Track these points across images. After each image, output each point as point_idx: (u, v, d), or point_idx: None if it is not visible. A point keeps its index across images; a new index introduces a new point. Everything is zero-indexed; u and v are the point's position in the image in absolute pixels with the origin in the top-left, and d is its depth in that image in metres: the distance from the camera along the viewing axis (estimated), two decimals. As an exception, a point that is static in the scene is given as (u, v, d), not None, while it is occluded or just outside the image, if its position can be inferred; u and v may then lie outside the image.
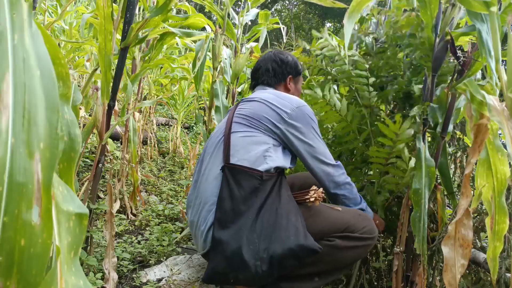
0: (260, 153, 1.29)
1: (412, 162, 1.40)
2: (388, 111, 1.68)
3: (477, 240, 1.47)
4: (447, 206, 1.52)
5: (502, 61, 1.07)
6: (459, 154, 1.56)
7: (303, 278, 1.23)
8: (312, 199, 1.24)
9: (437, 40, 1.34)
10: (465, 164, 1.34)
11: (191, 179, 3.13)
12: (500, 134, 0.99)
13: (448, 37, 1.28)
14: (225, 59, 2.44)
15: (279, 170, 1.32)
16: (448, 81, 1.40)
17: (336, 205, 1.39)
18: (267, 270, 1.12)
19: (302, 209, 1.26)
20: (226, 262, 1.17)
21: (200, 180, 1.38)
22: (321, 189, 1.28)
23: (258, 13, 2.70)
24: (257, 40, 2.98)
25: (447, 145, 1.49)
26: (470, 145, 1.07)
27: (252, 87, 1.63)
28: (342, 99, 1.61)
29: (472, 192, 1.06)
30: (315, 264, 1.18)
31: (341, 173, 1.40)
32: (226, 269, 1.17)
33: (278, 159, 1.31)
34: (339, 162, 1.42)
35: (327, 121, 1.68)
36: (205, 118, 2.36)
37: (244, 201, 1.22)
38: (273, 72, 1.58)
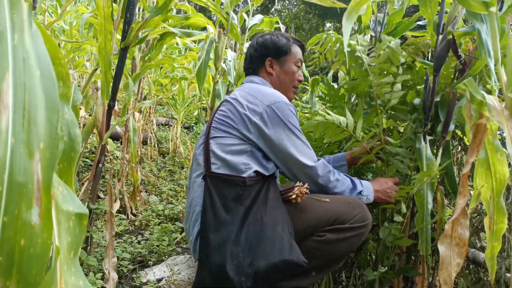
0: (239, 160, 1.23)
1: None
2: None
3: (477, 240, 1.46)
4: (447, 206, 1.52)
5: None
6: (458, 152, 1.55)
7: (300, 275, 1.21)
8: (294, 196, 1.19)
9: (440, 38, 1.33)
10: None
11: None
12: (503, 133, 0.99)
13: (450, 36, 1.27)
14: (229, 61, 2.44)
15: (266, 175, 1.26)
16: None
17: (324, 195, 1.29)
18: (252, 285, 1.09)
19: (287, 207, 1.21)
20: (212, 277, 1.14)
21: (189, 186, 1.36)
22: (306, 185, 1.21)
23: (262, 18, 2.70)
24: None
25: (450, 145, 1.48)
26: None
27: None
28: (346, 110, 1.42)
29: (470, 191, 1.06)
30: (310, 260, 1.14)
31: (326, 171, 1.28)
32: (212, 284, 1.15)
33: (258, 164, 1.25)
34: (321, 160, 1.30)
35: (330, 139, 1.46)
36: (207, 119, 2.35)
37: (227, 211, 1.17)
38: (249, 58, 1.46)
